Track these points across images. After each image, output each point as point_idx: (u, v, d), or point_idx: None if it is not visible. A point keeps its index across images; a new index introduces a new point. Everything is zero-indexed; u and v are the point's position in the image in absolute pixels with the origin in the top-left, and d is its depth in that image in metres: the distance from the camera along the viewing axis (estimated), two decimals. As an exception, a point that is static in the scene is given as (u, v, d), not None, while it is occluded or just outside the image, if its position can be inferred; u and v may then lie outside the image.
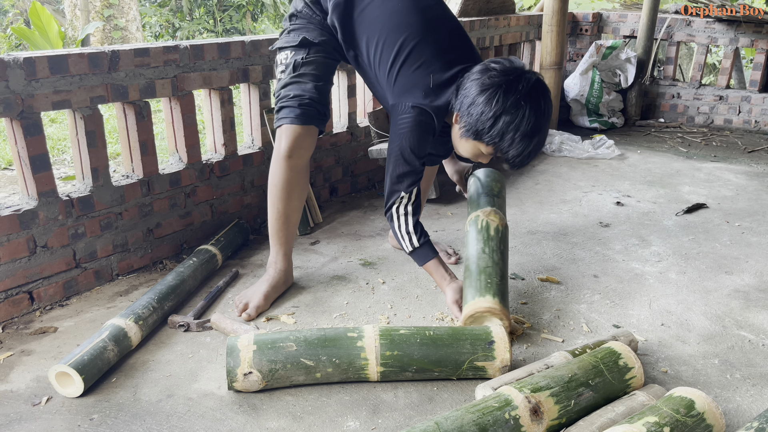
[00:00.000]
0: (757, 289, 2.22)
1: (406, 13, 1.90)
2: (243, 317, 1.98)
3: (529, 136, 1.72)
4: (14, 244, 1.93)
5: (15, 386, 1.65)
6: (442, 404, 1.60)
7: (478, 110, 1.72)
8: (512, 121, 1.69)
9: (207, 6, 11.25)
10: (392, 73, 1.90)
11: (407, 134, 1.86)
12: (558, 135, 4.08)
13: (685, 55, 8.68)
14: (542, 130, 1.75)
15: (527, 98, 1.69)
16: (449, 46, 1.92)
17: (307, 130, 1.97)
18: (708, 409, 1.37)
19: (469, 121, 1.75)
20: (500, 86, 1.70)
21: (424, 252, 1.98)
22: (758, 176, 3.58)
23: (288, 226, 2.09)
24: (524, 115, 1.69)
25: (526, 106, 1.69)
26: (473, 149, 1.84)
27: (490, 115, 1.70)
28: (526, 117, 1.69)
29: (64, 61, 1.93)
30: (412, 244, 1.96)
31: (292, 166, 1.99)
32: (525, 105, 1.69)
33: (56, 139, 4.62)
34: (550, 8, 4.12)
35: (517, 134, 1.70)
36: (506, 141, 1.72)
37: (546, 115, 1.75)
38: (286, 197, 2.03)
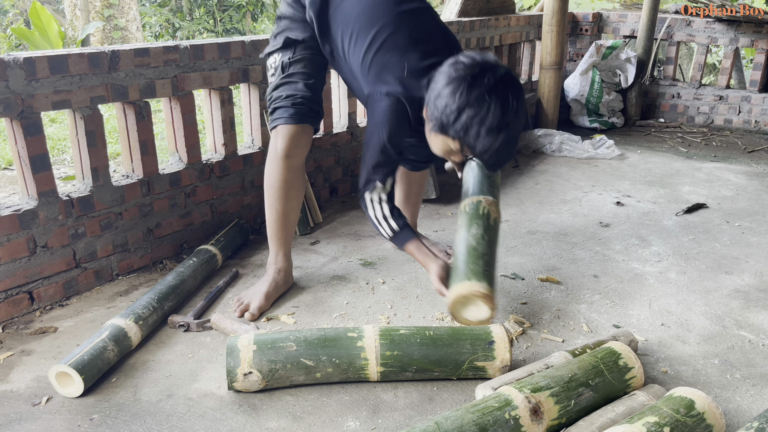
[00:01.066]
0: (757, 289, 2.22)
1: (382, 6, 1.87)
2: (246, 317, 1.98)
3: (495, 131, 1.63)
4: (14, 244, 1.93)
5: (15, 386, 1.65)
6: (442, 404, 1.60)
7: (443, 103, 1.65)
8: (476, 115, 1.62)
9: (207, 6, 11.25)
10: (366, 61, 1.86)
11: (383, 124, 1.82)
12: (558, 135, 4.09)
13: (685, 55, 8.67)
14: (510, 125, 1.65)
15: (493, 92, 1.62)
16: (426, 37, 1.88)
17: (302, 129, 1.97)
18: (708, 409, 1.37)
19: (435, 114, 1.69)
20: (464, 78, 1.63)
21: (404, 234, 1.92)
22: (758, 176, 3.59)
23: (287, 225, 2.08)
24: (489, 109, 1.61)
25: (491, 100, 1.61)
26: (443, 145, 1.77)
27: (454, 107, 1.63)
28: (491, 111, 1.61)
29: (64, 61, 1.93)
30: (391, 229, 1.91)
31: (289, 165, 1.99)
32: (490, 99, 1.61)
33: (56, 139, 4.62)
34: (550, 8, 4.12)
35: (482, 128, 1.62)
36: (471, 135, 1.64)
37: (514, 110, 1.65)
38: (284, 197, 2.03)
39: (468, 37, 3.81)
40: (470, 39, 3.83)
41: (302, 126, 1.97)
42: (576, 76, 4.74)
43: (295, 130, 1.96)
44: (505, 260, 2.44)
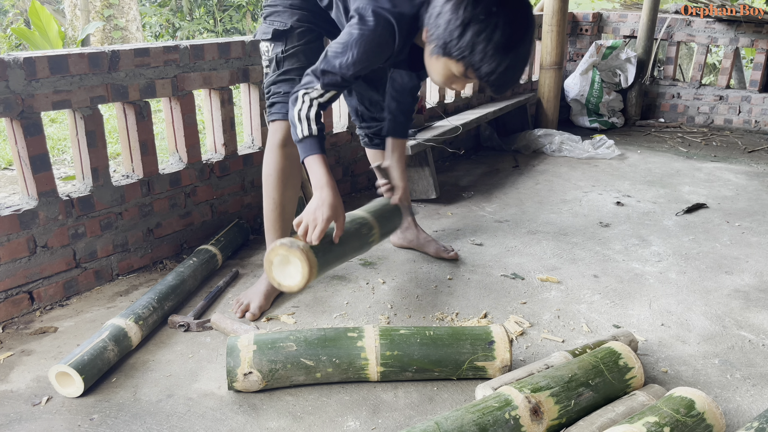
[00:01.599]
0: (757, 289, 2.22)
1: None
2: (247, 317, 1.97)
3: (504, 49, 1.48)
4: (14, 244, 1.93)
5: (15, 386, 1.65)
6: (442, 404, 1.60)
7: (445, 19, 1.51)
8: (482, 31, 1.47)
9: (207, 6, 11.25)
10: None
11: (356, 44, 1.64)
12: (558, 135, 4.09)
13: (685, 55, 8.67)
14: (520, 43, 1.51)
15: (500, 4, 1.47)
16: None
17: None
18: (708, 409, 1.37)
19: (437, 33, 1.53)
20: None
21: (314, 143, 1.73)
22: (758, 176, 3.59)
23: (284, 216, 2.06)
24: (497, 24, 1.46)
25: (499, 14, 1.47)
26: (444, 70, 1.60)
27: (458, 23, 1.48)
28: (499, 26, 1.46)
29: (64, 61, 1.93)
30: (309, 130, 1.71)
31: (287, 154, 1.98)
32: (498, 12, 1.47)
33: (56, 139, 4.62)
34: (550, 8, 4.12)
35: (489, 46, 1.47)
36: (477, 54, 1.49)
37: (525, 27, 1.52)
38: (281, 186, 2.01)
39: (468, 37, 3.80)
40: None
41: None
42: (576, 76, 4.74)
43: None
44: (505, 260, 2.44)
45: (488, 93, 4.19)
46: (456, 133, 3.29)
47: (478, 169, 3.71)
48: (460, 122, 3.41)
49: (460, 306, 2.08)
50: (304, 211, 1.70)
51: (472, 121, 3.55)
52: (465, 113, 3.77)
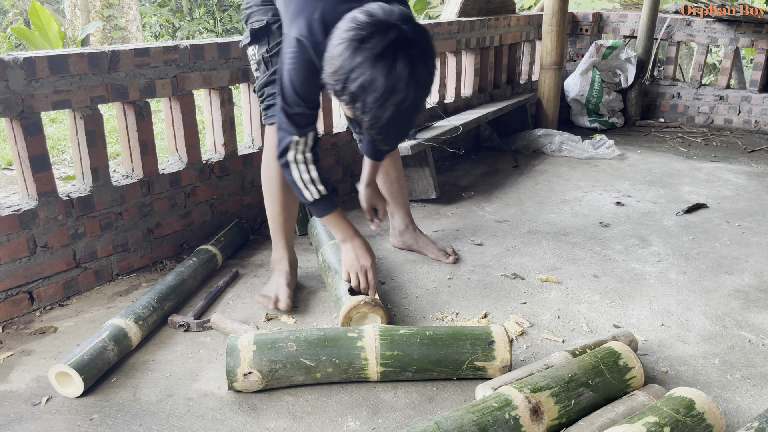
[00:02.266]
0: (757, 289, 2.22)
1: None
2: (281, 308, 1.99)
3: (382, 102, 1.41)
4: (14, 244, 1.93)
5: (15, 386, 1.65)
6: (442, 404, 1.60)
7: (333, 65, 1.45)
8: (361, 83, 1.40)
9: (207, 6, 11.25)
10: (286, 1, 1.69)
11: (290, 71, 1.65)
12: (558, 135, 4.09)
13: (685, 55, 8.67)
14: (401, 98, 1.41)
15: (380, 58, 1.39)
16: None
17: None
18: (708, 409, 1.37)
19: (327, 78, 1.48)
20: (354, 39, 1.40)
21: (327, 202, 1.79)
22: (758, 176, 3.59)
23: (290, 217, 2.08)
24: (374, 77, 1.39)
25: (376, 66, 1.39)
26: (344, 110, 1.57)
27: (341, 73, 1.42)
28: (376, 79, 1.39)
29: (64, 61, 1.93)
30: (318, 192, 1.76)
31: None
32: (375, 65, 1.39)
33: (56, 139, 4.62)
34: (550, 8, 4.12)
35: (368, 98, 1.41)
36: (358, 106, 1.44)
37: (404, 80, 1.40)
38: (285, 188, 2.01)
39: (468, 37, 3.81)
40: (470, 39, 3.83)
41: None
42: (576, 76, 4.74)
43: None
44: (505, 260, 2.44)
45: (488, 92, 4.20)
46: (456, 133, 3.29)
47: (478, 169, 3.71)
48: (460, 122, 3.41)
49: (460, 306, 2.08)
50: (347, 264, 1.89)
51: (472, 121, 3.55)
52: (465, 113, 3.77)
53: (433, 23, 3.52)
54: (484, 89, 4.16)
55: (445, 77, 3.77)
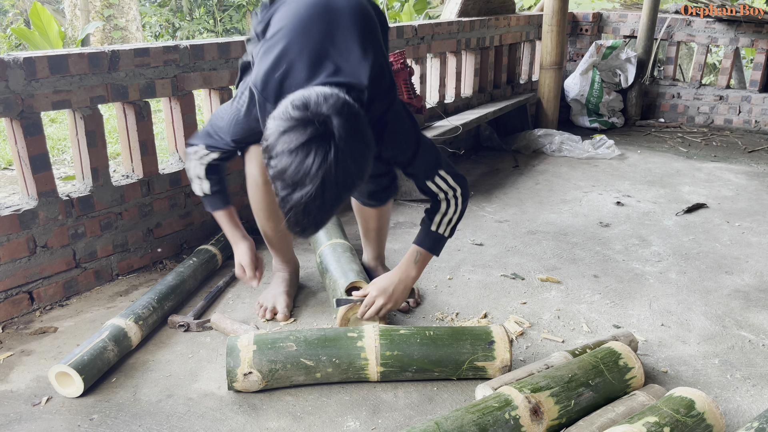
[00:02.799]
0: (757, 289, 2.22)
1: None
2: (279, 318, 1.97)
3: (288, 193, 1.41)
4: (14, 244, 1.93)
5: (15, 386, 1.65)
6: (442, 404, 1.60)
7: (264, 140, 1.45)
8: (276, 169, 1.41)
9: (207, 6, 11.25)
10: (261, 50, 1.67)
11: (232, 109, 1.72)
12: (558, 135, 4.09)
13: (685, 55, 8.67)
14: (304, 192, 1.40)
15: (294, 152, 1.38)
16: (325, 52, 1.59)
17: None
18: (708, 409, 1.37)
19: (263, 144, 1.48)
20: (279, 129, 1.40)
21: (214, 200, 1.87)
22: (758, 176, 3.59)
23: (284, 237, 2.04)
24: (285, 168, 1.39)
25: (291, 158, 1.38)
26: None
27: (266, 153, 1.44)
28: (286, 170, 1.39)
29: (64, 61, 1.93)
30: (202, 190, 1.85)
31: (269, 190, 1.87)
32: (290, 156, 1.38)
33: (56, 139, 4.62)
34: (550, 8, 4.12)
35: (279, 185, 1.43)
36: (275, 186, 1.45)
37: (313, 177, 1.38)
38: (274, 218, 1.95)
39: (468, 37, 3.81)
40: (470, 39, 3.83)
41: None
42: (576, 76, 4.74)
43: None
44: (505, 260, 2.44)
45: (488, 92, 4.20)
46: (456, 133, 3.29)
47: (478, 169, 3.71)
48: (460, 122, 3.41)
49: (460, 306, 2.08)
50: (239, 262, 1.93)
51: (472, 121, 3.55)
52: (465, 113, 3.77)
53: (433, 23, 3.52)
54: (484, 89, 4.16)
55: (445, 77, 3.77)
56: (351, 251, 2.19)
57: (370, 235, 2.15)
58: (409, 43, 3.34)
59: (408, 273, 1.86)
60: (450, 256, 2.47)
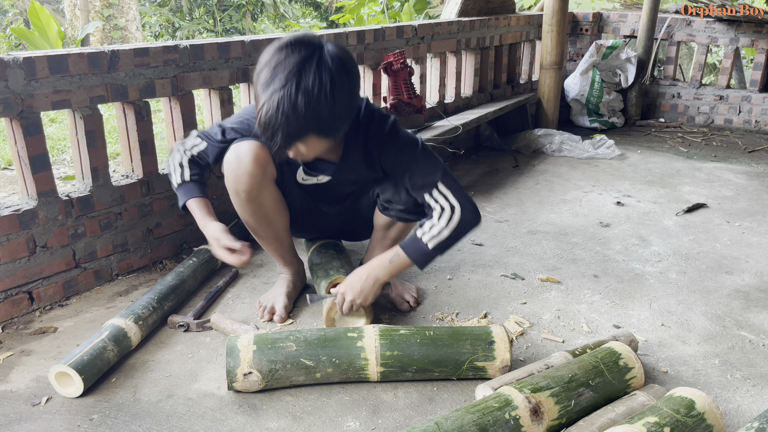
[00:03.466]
0: (757, 289, 2.22)
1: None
2: (275, 320, 1.96)
3: (265, 84, 1.51)
4: (14, 244, 1.93)
5: (15, 386, 1.65)
6: (442, 404, 1.60)
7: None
8: (260, 66, 1.53)
9: (207, 6, 11.25)
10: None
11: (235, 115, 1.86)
12: (558, 135, 4.08)
13: (686, 55, 8.67)
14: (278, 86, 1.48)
15: (279, 48, 1.51)
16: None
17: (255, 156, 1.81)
18: (708, 409, 1.37)
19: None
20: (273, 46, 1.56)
21: (190, 189, 1.82)
22: (758, 176, 3.58)
23: (282, 242, 2.02)
24: (267, 60, 1.51)
25: (274, 54, 1.51)
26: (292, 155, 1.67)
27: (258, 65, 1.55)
28: (269, 62, 1.51)
29: (64, 61, 1.93)
30: (182, 178, 1.81)
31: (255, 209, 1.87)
32: (275, 53, 1.51)
33: (56, 139, 4.62)
34: (550, 8, 4.12)
35: (259, 79, 1.52)
36: (257, 91, 1.54)
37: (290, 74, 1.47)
38: (266, 227, 1.93)
39: (468, 37, 3.81)
40: (470, 39, 3.83)
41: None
42: (576, 76, 4.74)
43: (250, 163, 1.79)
44: (505, 260, 2.44)
45: (488, 91, 4.20)
46: (456, 133, 3.29)
47: (478, 169, 3.71)
48: (460, 122, 3.41)
49: (460, 306, 2.08)
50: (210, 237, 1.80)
51: (472, 121, 3.55)
52: (465, 113, 3.77)
53: (433, 23, 3.52)
54: (484, 89, 4.16)
55: (445, 77, 3.77)
56: (336, 248, 2.18)
57: (385, 243, 2.05)
58: (409, 43, 3.34)
59: (378, 270, 1.80)
60: (450, 256, 2.47)
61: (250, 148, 1.75)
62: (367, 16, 7.27)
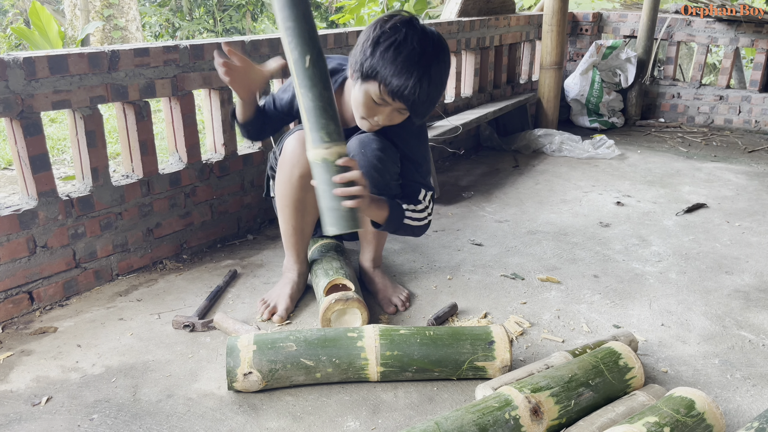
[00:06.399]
0: (757, 289, 2.22)
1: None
2: (275, 320, 1.96)
3: (412, 63, 1.61)
4: (14, 244, 1.93)
5: (15, 386, 1.65)
6: (442, 404, 1.60)
7: (360, 42, 1.69)
8: (391, 45, 1.62)
9: (207, 6, 11.25)
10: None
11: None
12: (558, 135, 4.08)
13: (686, 55, 8.67)
14: (431, 60, 1.64)
15: (408, 24, 1.64)
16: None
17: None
18: (708, 409, 1.37)
19: (353, 59, 1.70)
20: (379, 20, 1.68)
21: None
22: (758, 176, 3.58)
23: (303, 238, 2.05)
24: (405, 39, 1.61)
25: (406, 32, 1.62)
26: (364, 96, 1.70)
27: (369, 42, 1.65)
28: (407, 41, 1.61)
29: (64, 61, 1.93)
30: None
31: (302, 185, 1.92)
32: (405, 31, 1.63)
33: (56, 139, 4.62)
34: (550, 8, 4.12)
35: (399, 58, 1.61)
36: (387, 68, 1.62)
37: (434, 47, 1.65)
38: (297, 213, 1.98)
39: (468, 37, 3.81)
40: (470, 39, 3.83)
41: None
42: (576, 76, 4.74)
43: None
44: (505, 260, 2.44)
45: (488, 91, 4.20)
46: (456, 132, 3.29)
47: (478, 169, 3.71)
48: (459, 122, 3.41)
49: (460, 306, 2.08)
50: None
51: (472, 120, 3.55)
52: (465, 113, 3.77)
53: (433, 23, 3.52)
54: (484, 89, 4.16)
55: (445, 77, 3.77)
56: (337, 249, 2.19)
57: (368, 237, 2.13)
58: (409, 43, 3.33)
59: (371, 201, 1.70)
60: (450, 256, 2.47)
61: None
62: (367, 16, 7.27)
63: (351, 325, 1.87)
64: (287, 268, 2.11)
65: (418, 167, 1.92)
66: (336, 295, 1.85)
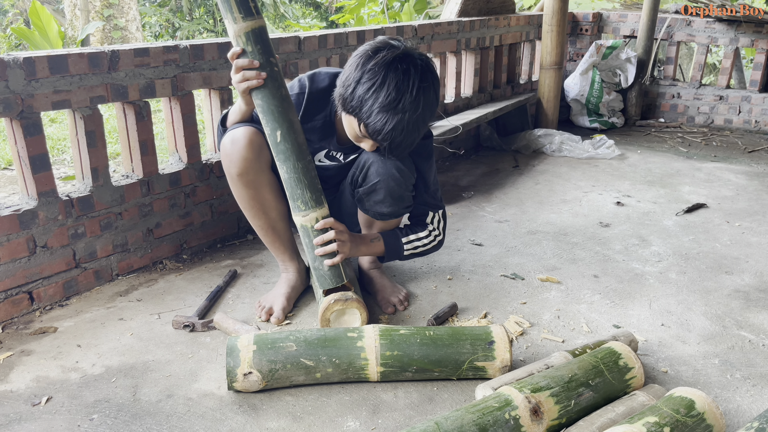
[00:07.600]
0: (757, 289, 2.22)
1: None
2: (272, 321, 1.95)
3: (388, 109, 1.61)
4: (14, 244, 1.93)
5: (15, 386, 1.65)
6: (442, 404, 1.60)
7: (344, 76, 1.68)
8: (370, 88, 1.60)
9: (207, 6, 11.25)
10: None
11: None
12: (558, 135, 4.09)
13: (685, 55, 8.68)
14: (406, 107, 1.61)
15: (389, 67, 1.60)
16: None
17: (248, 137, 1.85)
18: (708, 409, 1.37)
19: (338, 90, 1.70)
20: (366, 53, 1.64)
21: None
22: (758, 176, 3.59)
23: (278, 234, 2.02)
24: (383, 84, 1.59)
25: (386, 76, 1.60)
26: (349, 127, 1.74)
27: (351, 80, 1.64)
28: (385, 86, 1.59)
29: (64, 61, 1.93)
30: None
31: (246, 183, 1.89)
32: (385, 74, 1.60)
33: (56, 139, 4.62)
34: (550, 8, 4.12)
35: (375, 104, 1.60)
36: (365, 112, 1.63)
37: (412, 91, 1.60)
38: (260, 213, 1.96)
39: (468, 37, 3.81)
40: (470, 39, 3.83)
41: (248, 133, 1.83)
42: (576, 76, 4.74)
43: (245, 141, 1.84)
44: (505, 260, 2.44)
45: (488, 92, 4.20)
46: (456, 133, 3.29)
47: (478, 169, 3.71)
48: (460, 122, 3.41)
49: (460, 306, 2.08)
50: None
51: (472, 121, 3.55)
52: (465, 113, 3.77)
53: (433, 23, 3.52)
54: (484, 89, 4.16)
55: (445, 77, 3.77)
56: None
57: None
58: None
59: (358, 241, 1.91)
60: (450, 256, 2.47)
61: (245, 132, 1.82)
62: (367, 17, 7.28)
63: (350, 325, 1.87)
64: (282, 268, 2.11)
65: (427, 188, 1.98)
66: (335, 295, 1.85)
